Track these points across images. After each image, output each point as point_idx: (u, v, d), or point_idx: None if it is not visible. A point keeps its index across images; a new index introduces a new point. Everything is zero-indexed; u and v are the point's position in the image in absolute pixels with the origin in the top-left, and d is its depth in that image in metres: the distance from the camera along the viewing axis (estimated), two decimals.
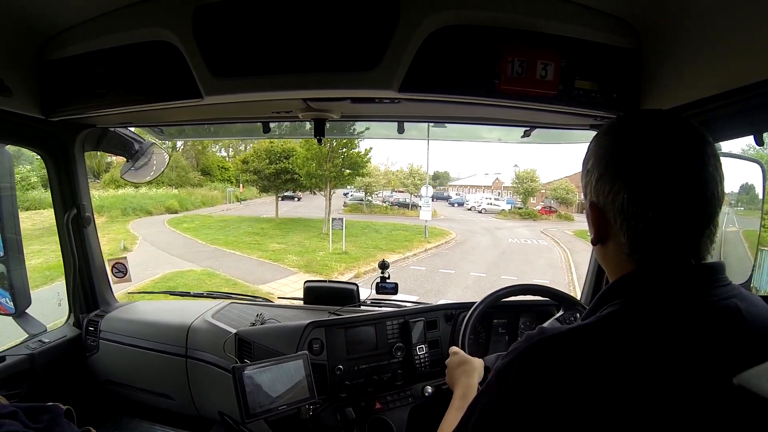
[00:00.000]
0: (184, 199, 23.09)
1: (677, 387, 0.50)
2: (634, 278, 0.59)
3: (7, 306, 1.57)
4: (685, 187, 0.55)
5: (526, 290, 1.42)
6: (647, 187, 0.56)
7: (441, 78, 1.03)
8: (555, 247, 16.43)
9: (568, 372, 0.53)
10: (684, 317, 0.53)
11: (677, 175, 0.55)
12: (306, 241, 15.21)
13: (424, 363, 1.48)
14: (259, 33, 1.04)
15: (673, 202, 0.55)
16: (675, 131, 0.57)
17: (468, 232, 18.81)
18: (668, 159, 0.55)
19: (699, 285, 0.56)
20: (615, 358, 0.52)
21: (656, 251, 0.57)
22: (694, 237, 0.56)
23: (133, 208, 19.30)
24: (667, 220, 0.56)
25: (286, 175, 18.11)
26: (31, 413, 0.78)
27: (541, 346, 0.56)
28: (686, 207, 0.55)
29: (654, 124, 0.59)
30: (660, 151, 0.56)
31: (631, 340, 0.53)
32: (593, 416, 0.51)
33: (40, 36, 1.23)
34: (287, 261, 12.62)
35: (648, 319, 0.54)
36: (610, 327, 0.55)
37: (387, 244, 14.99)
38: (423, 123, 1.62)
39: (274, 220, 19.05)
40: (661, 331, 0.53)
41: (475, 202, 29.18)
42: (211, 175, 29.74)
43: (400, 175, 26.83)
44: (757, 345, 0.52)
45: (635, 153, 0.57)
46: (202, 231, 16.68)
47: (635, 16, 1.03)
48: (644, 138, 0.58)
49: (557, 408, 0.52)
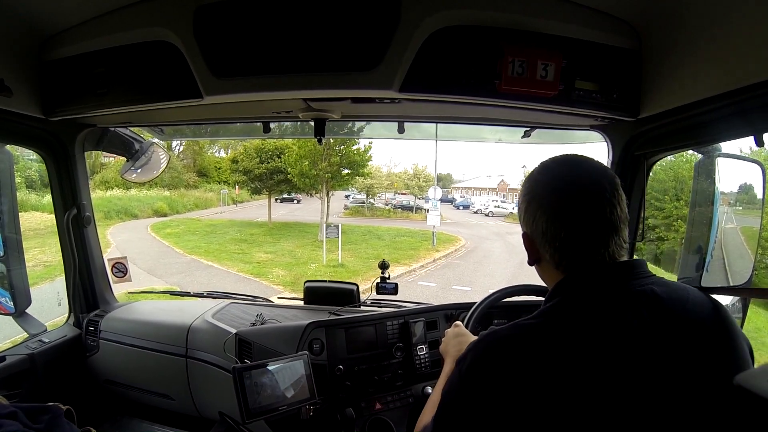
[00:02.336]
0: (175, 201, 22.11)
1: (606, 365, 0.58)
2: (564, 282, 0.71)
3: (7, 306, 1.57)
4: (587, 210, 0.68)
5: (526, 290, 1.42)
6: (557, 214, 0.69)
7: (441, 78, 1.03)
8: None
9: (512, 362, 0.61)
10: (606, 303, 0.64)
11: (579, 202, 0.68)
12: (298, 250, 13.82)
13: (425, 363, 1.48)
14: (260, 33, 1.04)
15: (578, 222, 0.68)
16: (576, 166, 0.72)
17: (478, 238, 17.39)
18: (571, 190, 0.69)
19: (617, 277, 0.67)
20: (550, 345, 0.61)
21: (576, 260, 0.69)
22: (603, 244, 0.68)
23: (117, 211, 18.13)
24: (578, 236, 0.68)
25: (280, 175, 16.47)
26: (31, 413, 0.78)
27: (490, 340, 0.67)
28: (590, 225, 0.68)
29: (560, 163, 0.73)
30: (564, 185, 0.70)
31: (564, 328, 0.62)
32: (534, 398, 0.58)
33: (41, 36, 1.23)
34: (272, 276, 11.04)
35: (577, 309, 0.64)
36: (547, 320, 0.65)
37: (390, 254, 13.05)
38: (423, 123, 1.63)
39: (267, 224, 17.70)
40: (589, 317, 0.63)
41: (482, 205, 28.46)
42: (207, 176, 29.31)
43: (404, 176, 26.08)
44: (673, 321, 0.63)
45: (545, 189, 0.72)
46: (185, 237, 15.31)
47: (635, 16, 1.03)
48: (553, 176, 0.73)
49: (504, 394, 0.60)
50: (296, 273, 11.26)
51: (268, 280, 10.72)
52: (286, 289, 10.00)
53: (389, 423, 1.37)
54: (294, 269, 11.65)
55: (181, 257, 12.83)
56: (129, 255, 13.49)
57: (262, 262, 12.29)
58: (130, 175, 1.80)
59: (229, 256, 12.83)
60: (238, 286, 9.74)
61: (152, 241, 15.07)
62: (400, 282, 1.86)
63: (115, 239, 14.43)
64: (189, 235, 15.90)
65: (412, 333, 1.49)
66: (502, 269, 12.61)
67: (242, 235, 15.92)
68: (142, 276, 10.21)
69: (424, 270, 12.36)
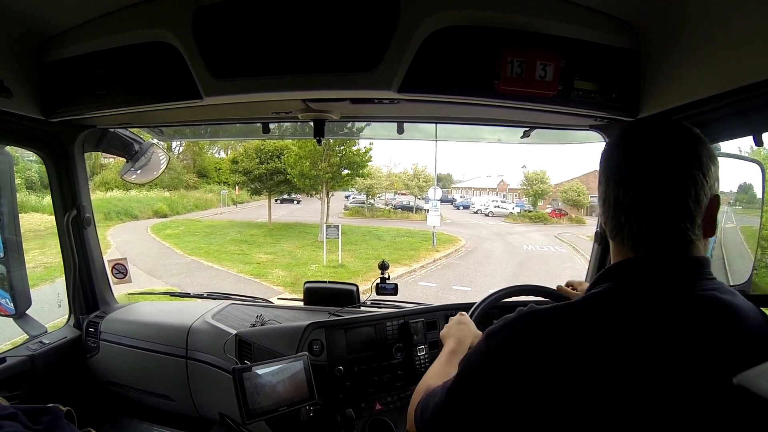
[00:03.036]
0: (175, 202, 22.17)
1: (650, 366, 0.54)
2: (629, 264, 0.64)
3: (7, 307, 1.57)
4: (667, 188, 0.60)
5: (526, 290, 1.42)
6: (640, 189, 0.61)
7: (440, 78, 1.03)
8: (575, 255, 14.61)
9: (549, 343, 0.58)
10: (664, 303, 0.58)
11: (659, 176, 0.60)
12: (298, 250, 13.79)
13: (424, 363, 1.48)
14: (259, 34, 1.04)
15: (655, 200, 0.60)
16: (665, 137, 0.63)
17: (478, 238, 17.40)
18: (650, 161, 0.61)
19: (684, 275, 0.60)
20: (594, 334, 0.57)
21: (644, 244, 0.62)
22: (679, 234, 0.60)
23: (117, 212, 18.17)
24: (651, 216, 0.61)
25: (280, 175, 16.49)
26: (32, 415, 0.78)
27: (528, 318, 0.63)
28: (667, 206, 0.60)
29: (646, 132, 0.65)
30: (644, 154, 0.62)
31: (612, 319, 0.58)
32: (566, 387, 0.55)
33: (40, 37, 1.23)
34: (272, 276, 11.02)
35: (630, 302, 0.59)
36: (594, 306, 0.60)
37: (390, 254, 13.25)
38: (423, 123, 1.63)
39: (267, 225, 17.74)
40: (641, 312, 0.58)
41: (482, 205, 28.48)
42: (207, 177, 29.28)
43: (404, 177, 26.23)
44: (730, 334, 0.57)
45: (631, 160, 0.63)
46: (185, 238, 15.29)
47: (635, 16, 1.03)
48: (638, 146, 0.64)
49: (533, 374, 0.57)
50: (296, 274, 11.21)
51: (269, 281, 10.70)
52: (287, 290, 9.95)
53: (389, 423, 1.37)
54: (294, 270, 11.61)
55: (181, 258, 12.82)
56: (129, 256, 13.68)
57: (262, 263, 12.28)
58: (129, 176, 1.80)
59: (229, 257, 12.82)
60: (238, 287, 9.74)
61: (152, 242, 15.04)
62: (400, 282, 1.85)
63: (115, 240, 14.40)
64: (189, 236, 15.86)
65: (412, 333, 1.49)
66: (503, 269, 12.63)
67: (242, 235, 15.88)
68: (143, 277, 10.19)
69: (425, 270, 12.35)
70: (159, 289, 4.99)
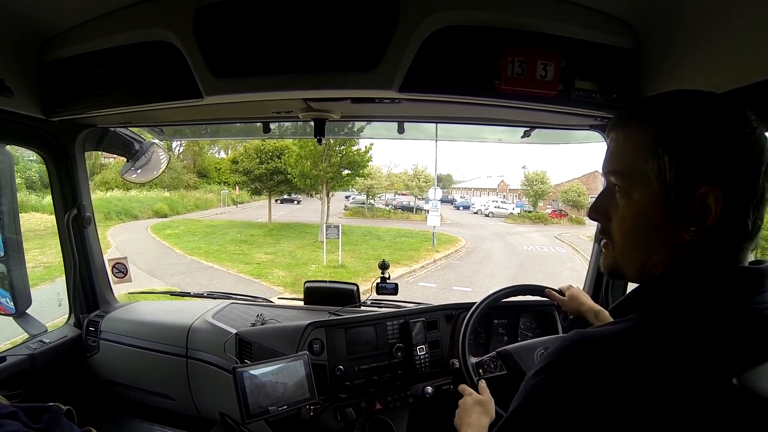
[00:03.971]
0: (176, 202, 22.14)
1: (717, 398, 0.47)
2: (673, 277, 0.55)
3: (7, 306, 1.57)
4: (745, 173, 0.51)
5: (526, 290, 1.42)
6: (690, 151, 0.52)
7: (441, 78, 1.04)
8: (575, 256, 14.47)
9: (606, 375, 0.50)
10: (728, 325, 0.50)
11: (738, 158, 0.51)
12: (298, 250, 13.78)
13: (425, 363, 1.48)
14: (260, 33, 1.04)
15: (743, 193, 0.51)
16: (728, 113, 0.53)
17: (478, 239, 17.33)
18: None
19: (744, 290, 0.52)
20: (655, 366, 0.49)
21: (717, 249, 0.53)
22: (747, 233, 0.52)
23: (117, 212, 18.18)
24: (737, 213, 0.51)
25: (280, 175, 16.42)
26: (32, 413, 0.78)
27: (581, 343, 0.54)
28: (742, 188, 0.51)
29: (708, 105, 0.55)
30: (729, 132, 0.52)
31: (672, 349, 0.50)
32: (625, 424, 0.48)
33: (41, 36, 1.23)
34: (272, 277, 10.97)
35: (689, 327, 0.51)
36: (652, 333, 0.52)
37: (391, 254, 13.06)
38: (423, 123, 1.63)
39: (267, 225, 17.73)
40: (702, 339, 0.49)
41: (482, 205, 28.49)
42: (207, 177, 29.31)
43: (404, 177, 26.18)
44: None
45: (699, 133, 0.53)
46: (185, 238, 15.29)
47: (635, 16, 1.03)
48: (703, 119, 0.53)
49: (591, 411, 0.50)
50: (296, 274, 11.16)
51: (269, 281, 10.65)
52: (287, 290, 9.90)
53: (389, 423, 1.37)
54: (294, 270, 11.56)
55: (181, 258, 12.77)
56: (129, 256, 13.82)
57: (263, 263, 12.24)
58: (130, 176, 1.80)
59: (229, 257, 12.78)
60: (238, 287, 9.59)
61: (152, 242, 15.04)
62: (401, 283, 1.85)
63: (116, 240, 14.42)
64: (189, 236, 15.86)
65: (412, 333, 1.50)
66: (503, 270, 12.53)
67: (242, 236, 15.88)
68: (143, 277, 10.20)
69: (425, 271, 12.28)
70: (159, 289, 5.00)
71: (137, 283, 8.95)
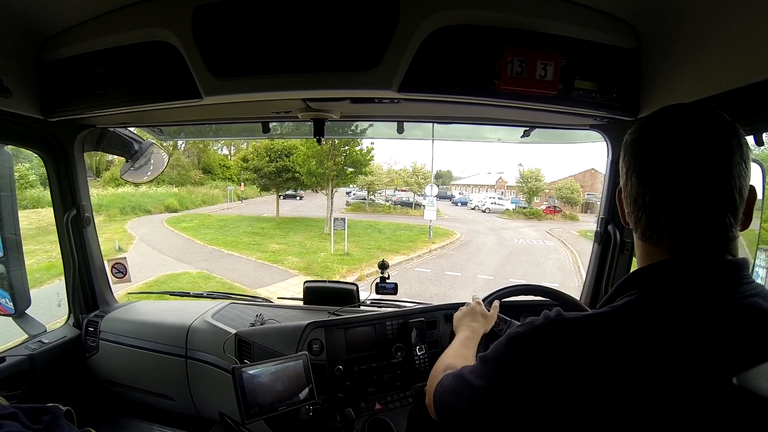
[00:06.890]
0: (185, 197, 22.89)
1: (688, 383, 0.50)
2: (665, 267, 0.58)
3: (6, 306, 1.57)
4: (711, 179, 0.55)
5: (525, 291, 1.42)
6: (685, 182, 0.55)
7: (441, 78, 1.03)
8: (562, 248, 15.62)
9: (577, 355, 0.54)
10: (705, 313, 0.53)
11: (702, 166, 0.55)
12: (307, 241, 14.78)
13: (424, 363, 1.48)
14: (259, 33, 1.04)
15: (699, 193, 0.55)
16: (700, 123, 0.57)
17: (473, 232, 18.18)
18: (692, 151, 0.55)
19: (725, 281, 0.55)
20: (626, 348, 0.52)
21: (685, 243, 0.57)
22: (722, 230, 0.56)
23: (132, 207, 19.08)
24: (695, 211, 0.55)
25: (287, 173, 17.62)
26: (31, 414, 0.78)
27: (556, 326, 0.58)
28: (712, 198, 0.55)
29: (685, 122, 0.58)
30: (684, 144, 0.56)
31: (645, 332, 0.53)
32: (591, 402, 0.52)
33: (40, 36, 1.23)
34: (287, 262, 12.16)
35: (666, 312, 0.54)
36: (625, 317, 0.56)
37: (390, 245, 14.44)
38: (423, 123, 1.63)
39: (275, 219, 18.67)
40: (678, 325, 0.53)
41: (479, 202, 28.76)
42: (212, 173, 29.59)
43: (404, 174, 26.56)
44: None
45: (672, 152, 0.57)
46: (201, 231, 16.30)
47: (635, 16, 1.03)
48: (679, 136, 0.57)
49: (557, 386, 0.54)
50: (308, 260, 12.31)
51: (285, 266, 11.83)
52: (301, 272, 11.14)
53: (389, 423, 1.37)
54: (305, 257, 12.67)
55: (202, 247, 13.89)
56: (155, 246, 13.27)
57: (276, 252, 13.31)
58: (129, 176, 1.80)
59: (245, 247, 13.84)
60: (259, 271, 11.30)
61: (171, 234, 16.05)
62: (399, 269, 1.87)
63: (136, 232, 15.38)
64: (204, 228, 16.87)
65: (412, 333, 1.49)
66: (491, 259, 13.63)
67: (253, 228, 16.85)
68: (173, 263, 11.54)
69: (421, 259, 13.33)
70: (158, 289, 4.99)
71: (170, 268, 9.01)
